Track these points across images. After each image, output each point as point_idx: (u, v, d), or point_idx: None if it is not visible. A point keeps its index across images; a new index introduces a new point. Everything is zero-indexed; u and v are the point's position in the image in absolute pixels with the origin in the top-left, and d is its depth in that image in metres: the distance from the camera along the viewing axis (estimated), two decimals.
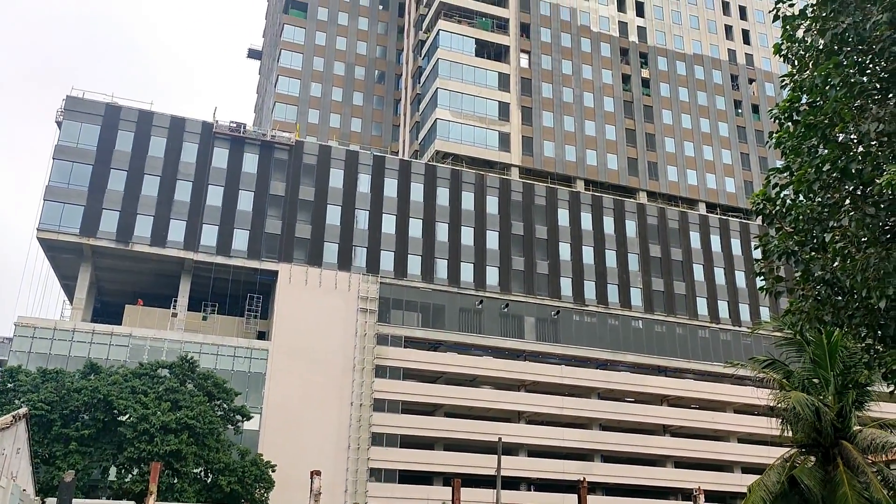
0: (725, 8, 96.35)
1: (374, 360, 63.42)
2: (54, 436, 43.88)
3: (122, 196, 62.06)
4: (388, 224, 68.81)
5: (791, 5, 13.89)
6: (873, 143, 12.36)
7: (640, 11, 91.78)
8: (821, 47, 13.32)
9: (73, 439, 43.83)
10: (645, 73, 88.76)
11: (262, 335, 64.92)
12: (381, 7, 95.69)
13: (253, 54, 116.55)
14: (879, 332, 12.96)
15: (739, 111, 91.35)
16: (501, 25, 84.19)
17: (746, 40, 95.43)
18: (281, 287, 63.50)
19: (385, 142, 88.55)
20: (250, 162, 66.86)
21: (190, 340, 59.77)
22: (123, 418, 45.57)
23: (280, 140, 68.32)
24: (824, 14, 13.07)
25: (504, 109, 79.72)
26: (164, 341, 59.14)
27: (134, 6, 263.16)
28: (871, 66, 12.96)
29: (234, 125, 67.10)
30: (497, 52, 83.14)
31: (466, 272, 69.57)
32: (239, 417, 50.76)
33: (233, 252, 63.70)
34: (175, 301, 63.30)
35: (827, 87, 12.84)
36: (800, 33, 13.99)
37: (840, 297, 13.52)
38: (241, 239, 64.31)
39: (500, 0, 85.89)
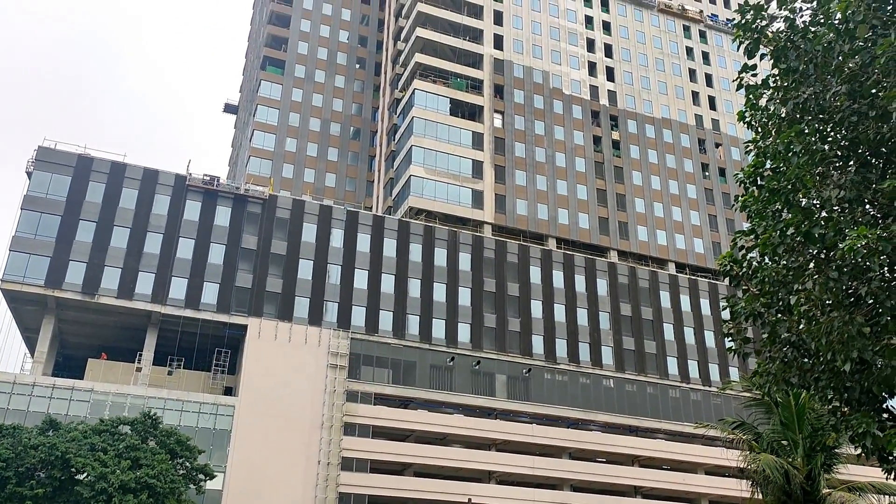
0: (692, 75, 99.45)
1: (343, 417, 62.34)
2: (8, 494, 42.11)
3: (90, 247, 61.23)
4: (361, 279, 68.57)
5: (754, 75, 14.37)
6: (835, 208, 12.67)
7: (610, 76, 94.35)
8: (783, 116, 13.75)
9: (28, 498, 42.09)
10: (615, 136, 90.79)
11: (228, 391, 63.63)
12: (357, 66, 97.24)
13: (229, 109, 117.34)
14: (845, 394, 13.07)
15: (707, 174, 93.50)
16: (476, 86, 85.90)
17: (713, 106, 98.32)
18: (250, 341, 62.59)
19: (359, 197, 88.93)
20: (223, 215, 66.58)
21: (154, 396, 58.35)
22: (81, 477, 43.95)
23: (253, 194, 68.30)
24: (786, 84, 13.54)
25: (477, 168, 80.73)
26: (126, 397, 57.66)
27: (111, 60, 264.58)
28: (831, 134, 13.38)
29: (208, 178, 67.03)
30: (471, 112, 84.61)
31: (438, 328, 69.28)
32: (202, 476, 49.21)
33: (202, 305, 62.86)
34: (140, 355, 62.00)
35: (790, 154, 13.20)
36: (763, 102, 14.45)
37: (806, 360, 13.66)
38: (210, 292, 63.55)
39: (474, 62, 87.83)
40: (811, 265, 13.18)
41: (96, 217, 62.38)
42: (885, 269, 11.94)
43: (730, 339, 15.09)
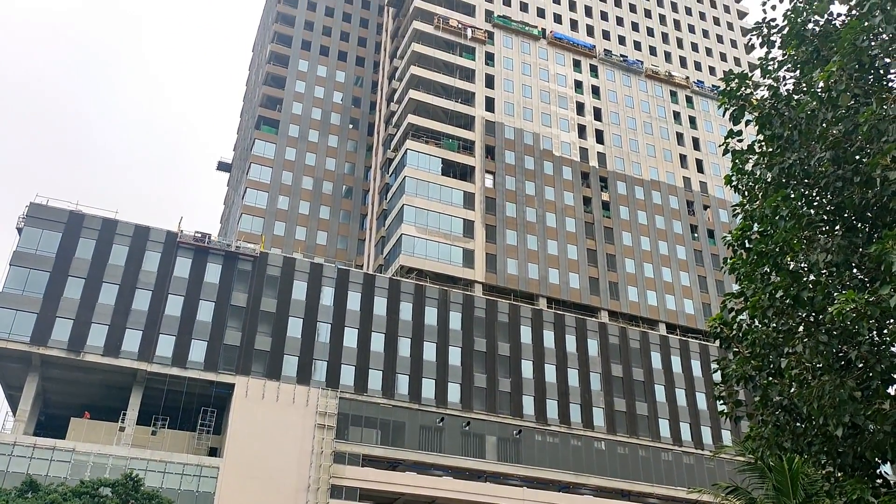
0: (679, 139, 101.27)
1: (330, 479, 61.02)
2: None
3: (77, 304, 60.74)
4: (350, 338, 68.08)
5: (740, 140, 14.63)
6: (823, 272, 12.76)
7: (599, 139, 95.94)
8: (769, 180, 13.95)
9: None
10: (605, 196, 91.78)
11: (213, 451, 62.33)
12: (351, 126, 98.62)
13: (223, 167, 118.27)
14: (839, 459, 12.92)
15: (696, 235, 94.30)
16: (467, 147, 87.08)
17: (700, 169, 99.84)
18: (237, 400, 61.64)
19: (350, 255, 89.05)
20: (213, 272, 66.40)
21: (136, 457, 57.08)
22: None
23: (244, 251, 68.28)
24: (771, 150, 13.79)
25: (469, 227, 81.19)
26: (108, 457, 56.36)
27: (105, 117, 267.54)
28: (817, 198, 13.57)
29: (199, 235, 67.07)
30: (463, 172, 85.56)
31: (428, 388, 68.54)
32: None
33: (189, 363, 62.10)
34: (124, 414, 60.87)
35: (776, 218, 13.35)
36: (749, 166, 14.68)
37: (799, 424, 13.54)
38: (198, 350, 62.87)
39: (466, 123, 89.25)
40: (801, 328, 13.18)
41: (85, 273, 62.07)
42: (874, 333, 11.96)
43: (721, 402, 14.97)
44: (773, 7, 14.15)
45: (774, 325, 13.74)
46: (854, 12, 12.78)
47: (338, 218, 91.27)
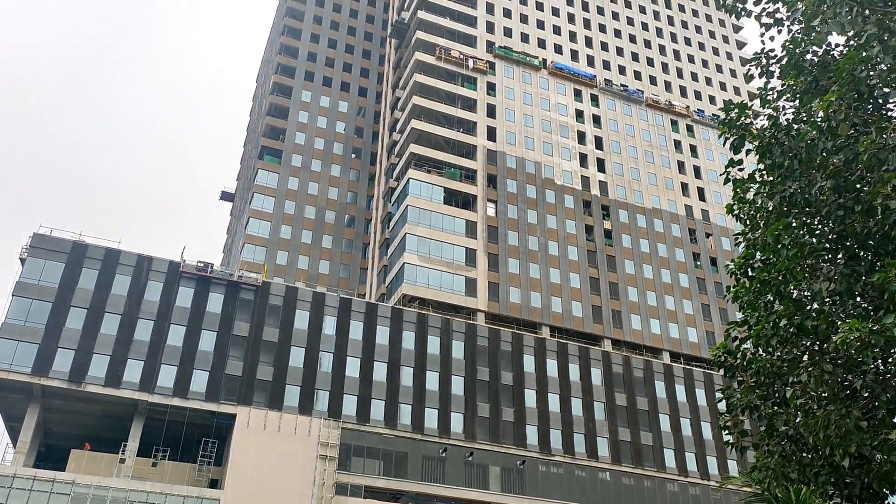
0: (681, 167, 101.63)
1: None
2: None
3: (79, 334, 60.63)
4: (353, 367, 67.77)
5: (741, 169, 14.69)
6: (826, 300, 12.74)
7: (601, 167, 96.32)
8: (771, 209, 13.98)
9: None
10: (607, 225, 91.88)
11: (214, 483, 61.73)
12: (353, 155, 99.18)
13: (226, 196, 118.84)
14: (846, 490, 12.78)
15: (698, 263, 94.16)
16: (469, 176, 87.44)
17: (702, 197, 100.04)
18: (238, 431, 61.19)
19: (352, 284, 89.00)
20: (215, 302, 66.35)
21: (136, 489, 56.53)
22: None
23: (246, 280, 68.26)
24: (772, 179, 13.84)
25: (471, 256, 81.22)
26: (108, 489, 55.82)
27: (109, 148, 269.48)
28: (819, 227, 13.59)
29: (202, 265, 67.13)
30: (465, 201, 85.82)
31: (431, 418, 68.02)
32: None
33: (190, 394, 61.78)
34: (125, 445, 60.42)
35: (779, 247, 13.36)
36: (750, 195, 14.72)
37: (805, 454, 13.41)
38: (199, 380, 62.58)
39: (468, 153, 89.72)
40: (805, 357, 13.12)
41: (87, 304, 62.05)
42: (879, 362, 11.91)
43: (727, 432, 14.87)
44: (772, 38, 14.31)
45: (779, 353, 13.70)
46: (852, 43, 12.92)
47: (340, 247, 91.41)
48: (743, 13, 14.63)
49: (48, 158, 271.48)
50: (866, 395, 11.94)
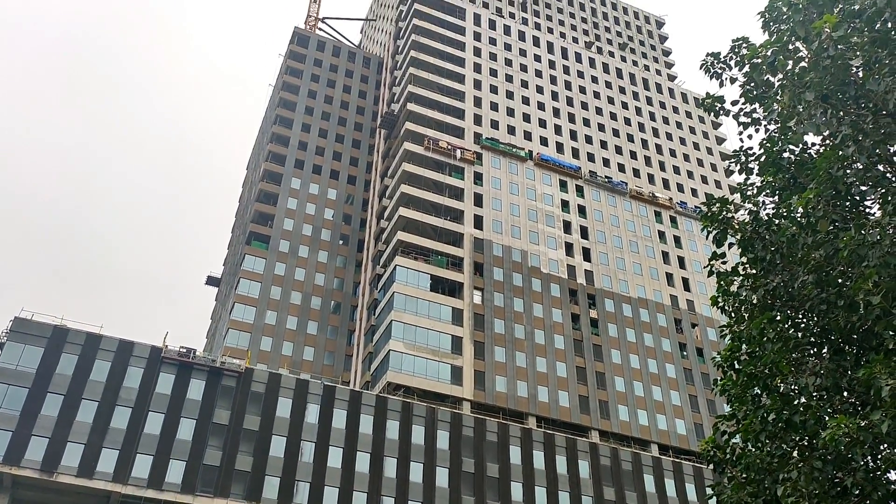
0: (665, 257, 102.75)
1: None
2: None
3: (54, 422, 59.01)
4: (335, 457, 66.03)
5: (724, 262, 14.88)
6: (813, 395, 12.67)
7: (586, 256, 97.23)
8: (755, 302, 14.09)
9: None
10: (593, 314, 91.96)
11: None
12: (341, 242, 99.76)
13: (211, 281, 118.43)
14: None
15: (685, 354, 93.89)
16: (456, 263, 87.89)
17: (687, 287, 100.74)
18: None
19: (337, 371, 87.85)
20: (196, 388, 65.09)
21: None
22: None
23: (229, 367, 67.25)
24: (755, 272, 14.01)
25: (457, 343, 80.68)
26: None
27: (97, 233, 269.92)
28: (803, 320, 13.67)
29: (184, 350, 66.22)
30: (451, 288, 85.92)
31: None
32: None
33: (165, 485, 59.72)
34: None
35: (764, 340, 13.39)
36: (734, 288, 14.85)
37: None
38: (176, 471, 60.64)
39: (455, 240, 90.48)
40: (795, 453, 12.97)
41: (65, 390, 60.72)
42: (869, 459, 11.76)
43: None
44: (750, 136, 14.78)
45: (768, 449, 13.53)
46: (828, 142, 13.35)
47: (325, 333, 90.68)
48: (721, 112, 15.13)
49: (35, 238, 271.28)
50: (857, 492, 11.74)
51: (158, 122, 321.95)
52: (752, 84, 14.11)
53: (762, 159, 14.29)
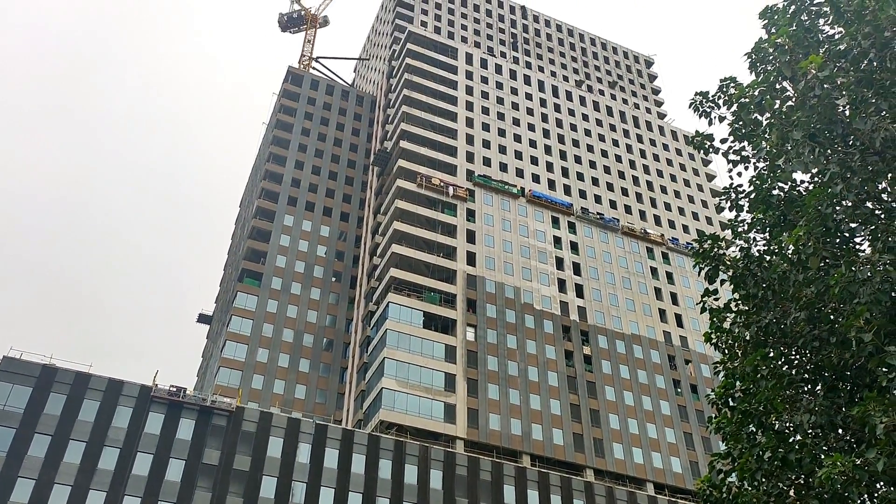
0: (658, 293, 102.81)
1: None
2: None
3: (41, 463, 57.99)
4: (326, 497, 64.95)
5: (716, 299, 14.89)
6: (808, 433, 12.60)
7: (579, 293, 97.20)
8: (748, 338, 14.08)
9: None
10: (587, 350, 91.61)
11: None
12: (333, 279, 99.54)
13: (203, 319, 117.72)
14: None
15: (679, 390, 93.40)
16: (449, 300, 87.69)
17: (680, 323, 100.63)
18: None
19: (329, 410, 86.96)
20: (186, 428, 64.21)
21: None
22: None
23: (220, 405, 66.47)
24: (747, 309, 14.02)
25: (450, 381, 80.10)
26: None
27: (92, 270, 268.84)
28: (796, 357, 13.65)
29: (174, 389, 65.50)
30: (444, 325, 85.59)
31: None
32: None
33: None
34: None
35: (758, 377, 13.35)
36: (727, 324, 14.85)
37: None
38: None
39: (448, 277, 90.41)
40: (791, 492, 12.84)
41: (52, 430, 59.82)
42: (865, 497, 11.65)
43: None
44: (739, 174, 14.91)
45: (764, 487, 13.39)
46: (816, 180, 13.47)
47: (317, 371, 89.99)
48: (711, 150, 15.28)
49: (27, 273, 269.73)
50: None
51: (151, 158, 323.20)
52: (741, 123, 14.29)
53: (752, 197, 14.40)
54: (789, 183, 14.09)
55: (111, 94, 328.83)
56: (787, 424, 13.08)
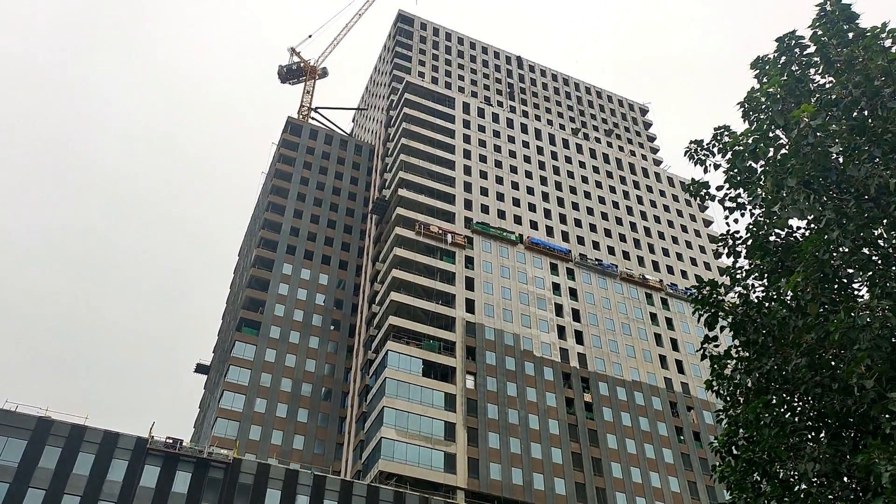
0: (658, 339, 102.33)
1: None
2: None
3: None
4: None
5: (716, 345, 14.83)
6: (814, 481, 12.43)
7: (579, 339, 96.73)
8: (749, 385, 13.99)
9: None
10: (588, 398, 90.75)
11: None
12: (332, 327, 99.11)
13: (201, 369, 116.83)
14: None
15: (682, 438, 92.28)
16: (448, 348, 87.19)
17: (681, 370, 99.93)
18: None
19: (327, 461, 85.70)
20: (182, 481, 63.16)
21: None
22: None
23: (216, 457, 65.52)
24: (748, 355, 13.96)
25: (450, 430, 79.15)
26: None
27: (89, 325, 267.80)
28: (799, 404, 13.54)
29: (170, 441, 64.64)
30: (444, 373, 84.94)
31: None
32: None
33: None
34: None
35: (761, 424, 13.22)
36: (728, 371, 14.77)
37: None
38: None
39: (447, 325, 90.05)
40: None
41: (47, 484, 58.79)
42: None
43: None
44: (736, 220, 15.02)
45: None
46: (812, 226, 13.56)
47: (316, 421, 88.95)
48: (707, 197, 15.41)
49: (23, 327, 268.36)
50: None
51: (150, 208, 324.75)
52: (736, 170, 14.45)
53: (749, 243, 14.47)
54: (786, 229, 14.18)
55: (108, 138, 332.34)
56: (792, 473, 12.92)
